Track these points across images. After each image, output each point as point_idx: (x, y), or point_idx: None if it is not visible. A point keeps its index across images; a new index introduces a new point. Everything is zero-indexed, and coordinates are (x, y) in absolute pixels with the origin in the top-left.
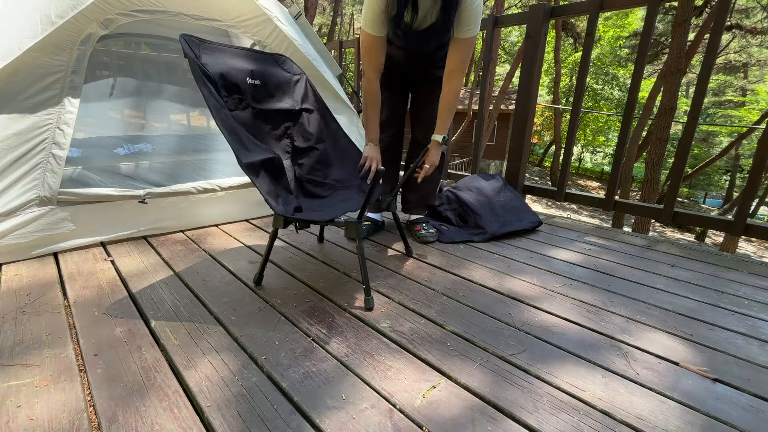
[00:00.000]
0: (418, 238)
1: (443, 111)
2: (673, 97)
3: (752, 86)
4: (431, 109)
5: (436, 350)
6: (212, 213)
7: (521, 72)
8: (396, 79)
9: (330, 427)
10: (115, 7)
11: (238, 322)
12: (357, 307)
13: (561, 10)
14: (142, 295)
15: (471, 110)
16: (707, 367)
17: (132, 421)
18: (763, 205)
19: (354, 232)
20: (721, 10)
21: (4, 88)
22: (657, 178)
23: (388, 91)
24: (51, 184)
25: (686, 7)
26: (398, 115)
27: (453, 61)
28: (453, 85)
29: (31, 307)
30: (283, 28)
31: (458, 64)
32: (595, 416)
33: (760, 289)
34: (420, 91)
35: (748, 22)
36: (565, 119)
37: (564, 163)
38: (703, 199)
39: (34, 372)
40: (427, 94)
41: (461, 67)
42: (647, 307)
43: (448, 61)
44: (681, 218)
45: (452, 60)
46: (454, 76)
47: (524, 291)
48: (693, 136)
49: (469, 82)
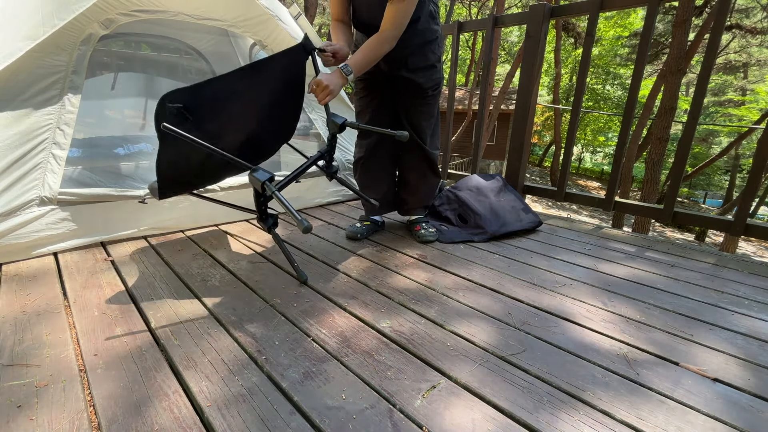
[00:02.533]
0: (417, 238)
1: (362, 47)
2: (673, 97)
3: (752, 86)
4: (416, 113)
5: (436, 350)
6: (212, 213)
7: (521, 72)
8: (377, 83)
9: (330, 427)
10: (116, 7)
11: (238, 322)
12: (357, 306)
13: (561, 10)
14: (142, 295)
15: (471, 110)
16: (707, 367)
17: (132, 421)
18: (763, 205)
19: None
20: (721, 10)
21: (5, 88)
22: (657, 178)
23: (369, 96)
24: (51, 184)
25: (686, 7)
26: (384, 117)
27: (383, 21)
28: (381, 34)
29: (31, 307)
30: (283, 27)
31: (386, 23)
32: (595, 416)
33: (760, 289)
34: (401, 95)
35: (748, 22)
36: (565, 119)
37: (564, 163)
38: (703, 199)
39: (34, 372)
40: (409, 98)
41: (388, 26)
42: (647, 307)
43: (382, 21)
44: (681, 218)
45: (383, 20)
46: (381, 31)
47: (524, 291)
48: (693, 136)
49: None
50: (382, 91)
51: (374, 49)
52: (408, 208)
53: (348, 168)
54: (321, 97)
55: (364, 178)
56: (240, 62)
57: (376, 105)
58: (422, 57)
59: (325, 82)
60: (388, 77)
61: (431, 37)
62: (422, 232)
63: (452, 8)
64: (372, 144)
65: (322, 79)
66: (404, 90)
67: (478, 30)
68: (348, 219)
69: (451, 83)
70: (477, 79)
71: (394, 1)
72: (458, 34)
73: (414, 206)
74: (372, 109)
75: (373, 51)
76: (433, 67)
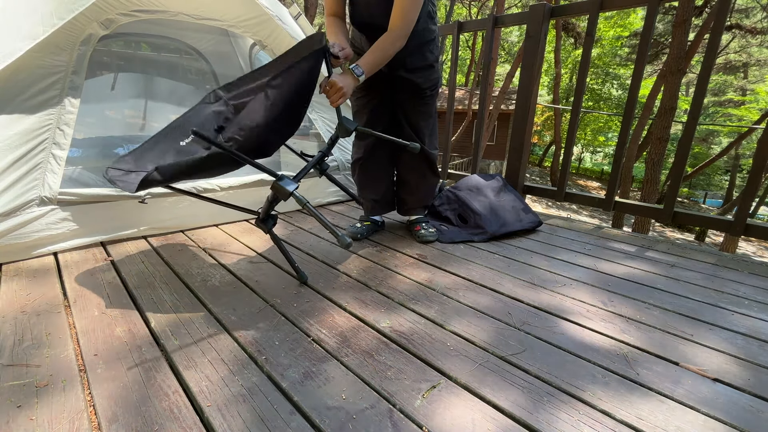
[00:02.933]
0: (417, 238)
1: (373, 48)
2: (673, 97)
3: (752, 86)
4: (414, 112)
5: (436, 350)
6: (212, 213)
7: (521, 72)
8: (375, 83)
9: (330, 427)
10: (116, 7)
11: (238, 322)
12: (357, 306)
13: (561, 10)
14: (142, 295)
15: (471, 110)
16: (707, 367)
17: (132, 421)
18: (763, 205)
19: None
20: (721, 10)
21: (5, 88)
22: (657, 178)
23: (367, 96)
24: (51, 184)
25: (686, 7)
26: (382, 116)
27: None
28: (391, 33)
29: (31, 307)
30: (283, 27)
31: (395, 20)
32: (594, 416)
33: (760, 289)
34: (399, 94)
35: (748, 22)
36: (565, 119)
37: (564, 163)
38: (703, 199)
39: (34, 372)
40: (406, 97)
41: (398, 23)
42: (647, 306)
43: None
44: (681, 218)
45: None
46: (391, 30)
47: (524, 291)
48: (693, 136)
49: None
50: (380, 91)
51: (385, 49)
52: (407, 208)
53: (348, 168)
54: (334, 99)
55: (362, 179)
56: (240, 62)
57: (374, 105)
58: (420, 57)
59: (339, 83)
60: (386, 77)
61: (429, 37)
62: (422, 232)
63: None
64: (370, 145)
65: (336, 80)
66: (402, 90)
67: (478, 30)
68: (348, 219)
69: (451, 83)
70: (477, 79)
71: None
72: (458, 34)
73: (413, 206)
74: (370, 110)
75: (384, 51)
76: (431, 67)
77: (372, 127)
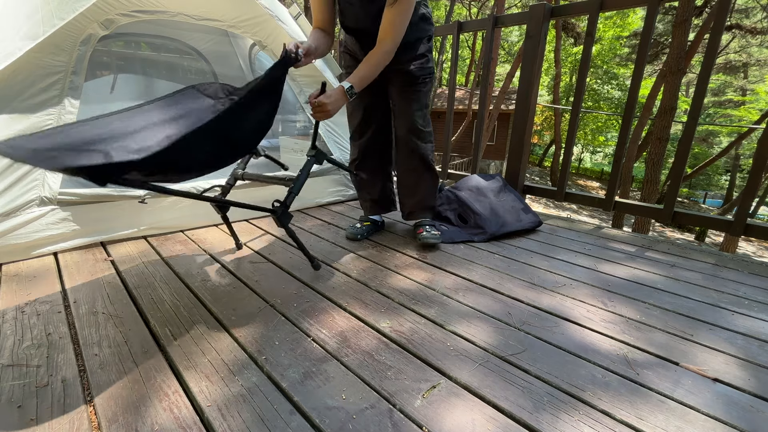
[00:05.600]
0: (419, 240)
1: (363, 63)
2: (673, 97)
3: (752, 86)
4: (406, 101)
5: (436, 350)
6: (212, 213)
7: (521, 72)
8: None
9: (330, 427)
10: (116, 7)
11: (238, 322)
12: (357, 306)
13: (561, 10)
14: (142, 295)
15: (471, 110)
16: (707, 367)
17: (132, 421)
18: (763, 205)
19: None
20: (721, 10)
21: (5, 88)
22: (657, 178)
23: (360, 96)
24: (51, 184)
25: (686, 7)
26: (375, 115)
27: (380, 31)
28: (381, 47)
29: (31, 307)
30: (283, 28)
31: (384, 33)
32: (595, 416)
33: (760, 289)
34: (392, 86)
35: (748, 22)
36: (565, 119)
37: (564, 163)
38: (703, 199)
39: (34, 372)
40: (399, 87)
41: (388, 36)
42: (647, 307)
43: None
44: (681, 218)
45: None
46: (380, 43)
47: (524, 291)
48: (693, 136)
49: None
50: (372, 90)
51: (377, 64)
52: (409, 212)
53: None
54: (317, 116)
55: (358, 179)
56: (240, 62)
57: (368, 103)
58: (412, 49)
59: (328, 105)
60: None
61: (423, 35)
62: (424, 234)
63: (452, 8)
64: (363, 145)
65: (325, 101)
66: (396, 81)
67: (478, 30)
68: (348, 219)
69: (451, 83)
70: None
71: (392, 6)
72: (458, 34)
73: (414, 209)
74: (363, 108)
75: (375, 66)
76: (423, 56)
77: (366, 125)
